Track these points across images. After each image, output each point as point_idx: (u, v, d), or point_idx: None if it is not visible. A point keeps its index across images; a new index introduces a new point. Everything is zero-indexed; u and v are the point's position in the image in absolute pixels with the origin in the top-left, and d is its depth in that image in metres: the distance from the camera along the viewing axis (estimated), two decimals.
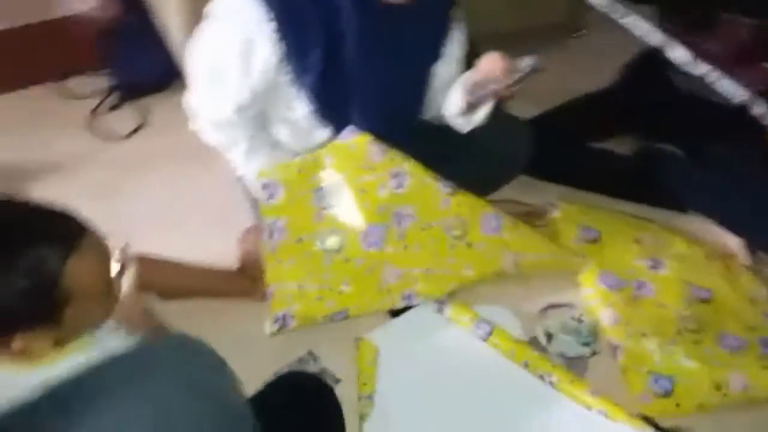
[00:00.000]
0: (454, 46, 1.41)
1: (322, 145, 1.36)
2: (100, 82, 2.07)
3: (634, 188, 1.71)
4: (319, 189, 1.34)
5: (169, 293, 1.35)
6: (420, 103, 1.43)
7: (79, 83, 2.09)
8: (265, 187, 1.32)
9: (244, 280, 1.40)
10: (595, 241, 1.55)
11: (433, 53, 1.38)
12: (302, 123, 1.35)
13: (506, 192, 1.63)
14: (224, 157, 1.38)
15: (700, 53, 1.57)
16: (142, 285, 1.21)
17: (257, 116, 1.35)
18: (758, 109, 1.42)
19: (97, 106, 2.01)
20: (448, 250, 1.38)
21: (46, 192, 1.67)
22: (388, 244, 1.35)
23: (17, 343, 0.81)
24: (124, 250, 1.05)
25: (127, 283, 1.08)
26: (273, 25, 1.18)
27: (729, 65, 1.55)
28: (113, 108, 2.02)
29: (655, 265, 1.51)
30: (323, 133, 1.37)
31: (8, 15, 2.25)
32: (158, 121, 1.97)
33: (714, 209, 1.65)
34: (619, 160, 1.74)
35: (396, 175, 1.34)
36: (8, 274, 0.78)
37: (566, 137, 1.72)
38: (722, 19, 1.54)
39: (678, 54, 1.45)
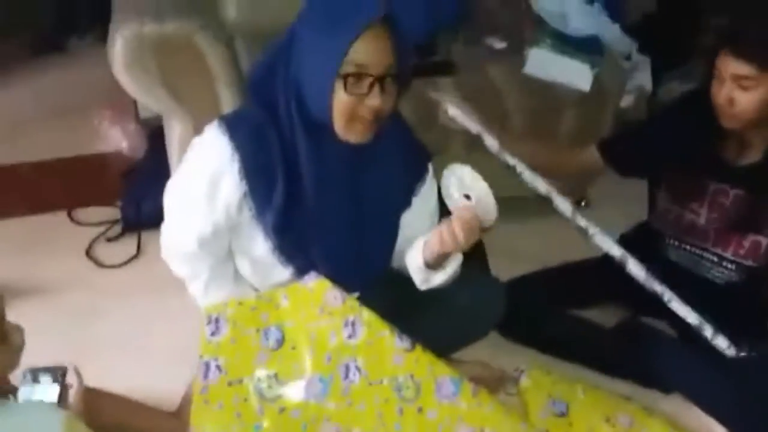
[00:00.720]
0: (427, 196, 1.39)
1: (282, 285, 1.32)
2: (107, 213, 2.14)
3: (613, 363, 1.61)
4: (268, 329, 1.27)
5: (110, 427, 1.32)
6: (386, 252, 1.40)
7: (86, 213, 2.15)
8: (210, 322, 1.26)
9: (175, 421, 1.34)
10: (562, 415, 1.44)
11: (402, 201, 1.37)
12: (263, 260, 1.33)
13: (478, 352, 1.57)
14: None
15: (688, 225, 1.57)
16: (86, 413, 1.26)
17: (221, 249, 1.34)
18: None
19: (99, 235, 2.06)
20: (396, 413, 1.27)
21: (26, 309, 1.79)
22: (331, 398, 1.26)
23: None
24: (69, 375, 1.15)
25: (72, 397, 1.21)
26: (237, 163, 1.21)
27: (716, 234, 1.56)
28: (113, 238, 2.07)
29: None
30: (284, 272, 1.34)
31: (43, 148, 2.45)
32: (153, 253, 1.96)
33: (701, 395, 1.54)
34: (598, 332, 1.66)
35: (350, 324, 1.27)
36: None
37: (546, 301, 1.66)
38: (710, 189, 1.55)
39: (634, 269, 1.48)
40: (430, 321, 1.44)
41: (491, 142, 1.58)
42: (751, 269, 1.55)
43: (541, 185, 1.54)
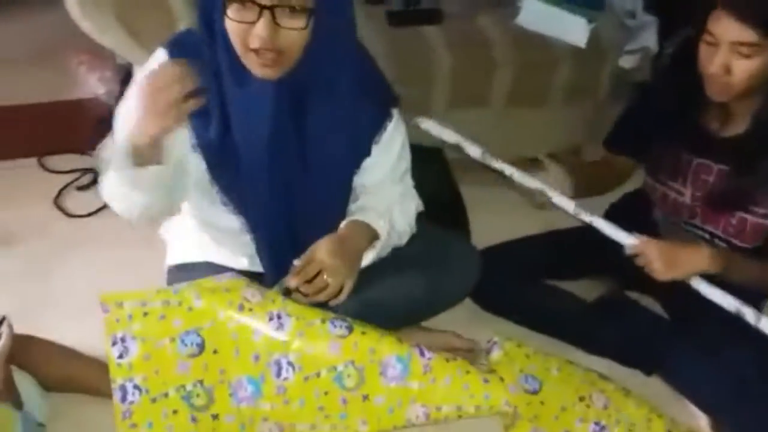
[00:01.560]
0: (387, 145, 1.24)
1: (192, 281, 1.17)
2: (79, 161, 2.02)
3: (592, 339, 1.49)
4: (185, 334, 1.10)
5: (50, 380, 1.29)
6: (335, 209, 1.27)
7: (58, 161, 2.04)
8: (115, 343, 1.07)
9: None
10: (534, 392, 1.32)
11: (355, 150, 1.22)
12: (221, 223, 1.23)
13: (451, 322, 1.46)
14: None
15: (674, 203, 1.43)
16: (21, 362, 1.23)
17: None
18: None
19: (69, 183, 1.95)
20: (339, 404, 1.14)
21: None
22: (264, 399, 1.13)
23: None
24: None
25: None
26: None
27: (703, 212, 1.40)
28: (83, 187, 1.95)
29: (599, 430, 1.28)
30: (233, 219, 1.23)
31: (18, 92, 2.33)
32: None
33: (689, 382, 1.43)
34: (578, 304, 1.53)
35: (275, 317, 1.12)
36: None
37: (526, 270, 1.53)
38: (693, 165, 1.39)
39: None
40: (401, 280, 1.32)
41: (474, 149, 1.44)
42: (742, 250, 1.38)
43: (535, 183, 1.39)
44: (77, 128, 2.13)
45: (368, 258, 1.26)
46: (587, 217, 1.36)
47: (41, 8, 2.81)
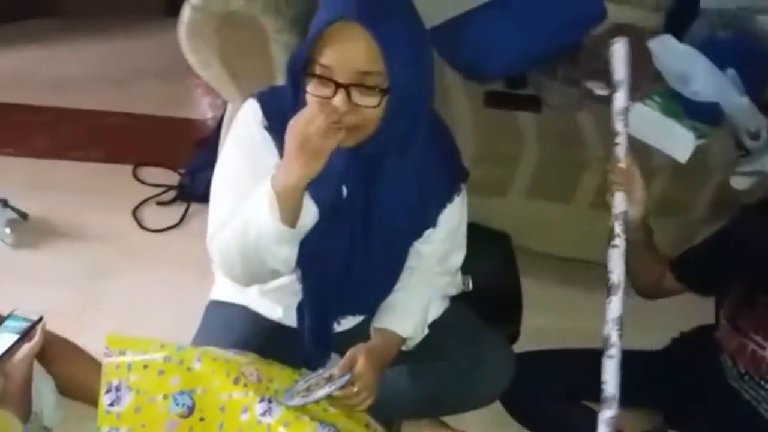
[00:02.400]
0: (448, 218, 1.23)
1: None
2: (169, 177, 2.12)
3: None
4: (179, 393, 1.08)
5: (69, 384, 1.32)
6: (387, 279, 1.26)
7: (151, 172, 2.15)
8: (109, 390, 1.07)
9: None
10: None
11: (418, 222, 1.21)
12: None
13: (473, 422, 1.40)
14: None
15: (751, 356, 1.27)
16: (46, 361, 1.25)
17: None
18: None
19: (152, 196, 2.05)
20: None
21: (54, 251, 1.82)
22: None
23: None
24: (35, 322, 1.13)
25: (23, 351, 1.14)
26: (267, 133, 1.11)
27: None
28: (164, 203, 2.04)
29: None
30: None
31: (138, 103, 2.50)
32: (194, 226, 1.96)
33: None
34: None
35: (266, 401, 1.08)
36: None
37: (563, 384, 1.41)
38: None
39: None
40: (432, 369, 1.30)
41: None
42: None
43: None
44: (177, 145, 2.25)
45: None
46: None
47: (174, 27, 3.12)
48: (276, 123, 1.10)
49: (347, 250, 1.19)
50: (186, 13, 1.49)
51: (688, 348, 1.43)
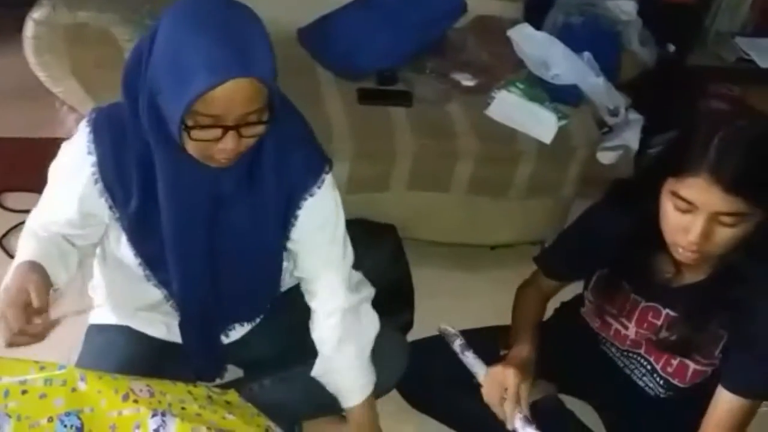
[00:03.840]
0: (314, 210, 1.17)
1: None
2: (36, 201, 1.98)
3: None
4: (65, 415, 1.03)
5: None
6: (263, 286, 1.26)
7: (18, 198, 2.03)
8: None
9: None
10: None
11: (282, 226, 1.18)
12: (133, 271, 1.20)
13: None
14: None
15: (616, 333, 1.35)
16: None
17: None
18: None
19: (19, 223, 1.87)
20: None
21: None
22: None
23: None
24: None
25: None
26: (93, 161, 1.07)
27: (647, 344, 1.32)
28: None
29: None
30: (155, 292, 1.21)
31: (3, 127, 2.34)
32: None
33: None
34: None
35: (159, 415, 1.05)
36: None
37: (457, 367, 1.41)
38: (640, 306, 1.29)
39: None
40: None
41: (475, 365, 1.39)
42: (678, 389, 1.30)
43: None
44: (44, 168, 2.12)
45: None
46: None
47: None
48: (106, 156, 1.07)
49: (208, 267, 1.17)
50: (29, 28, 1.41)
51: (568, 317, 1.50)
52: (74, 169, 1.10)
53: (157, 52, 0.96)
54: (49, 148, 2.16)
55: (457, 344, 1.40)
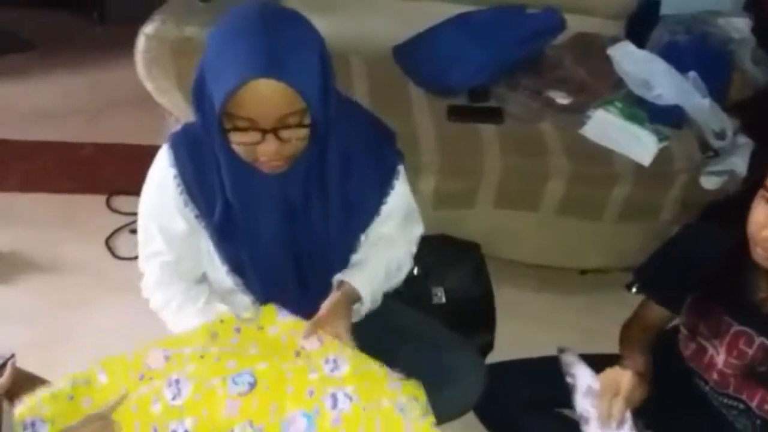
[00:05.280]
0: (395, 204, 1.22)
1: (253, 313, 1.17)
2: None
3: None
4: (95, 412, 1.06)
5: None
6: (341, 265, 1.24)
7: (125, 201, 2.12)
8: (26, 427, 1.04)
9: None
10: None
11: (360, 219, 1.20)
12: (222, 283, 1.22)
13: None
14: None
15: (708, 361, 1.24)
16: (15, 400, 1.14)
17: (189, 273, 1.23)
18: None
19: (125, 225, 2.03)
20: None
21: (26, 286, 1.79)
22: None
23: None
24: (5, 360, 1.06)
25: None
26: (177, 179, 1.11)
27: (737, 381, 1.21)
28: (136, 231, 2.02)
29: None
30: (244, 299, 1.23)
31: (114, 132, 2.50)
32: None
33: None
34: None
35: (173, 383, 1.07)
36: None
37: (537, 393, 1.36)
38: (732, 330, 1.19)
39: None
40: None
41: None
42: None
43: None
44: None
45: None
46: None
47: None
48: (186, 169, 1.10)
49: (293, 271, 1.19)
50: (141, 42, 1.49)
51: (662, 349, 1.41)
52: (163, 186, 1.14)
53: (205, 63, 1.00)
54: (155, 155, 2.32)
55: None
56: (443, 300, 1.61)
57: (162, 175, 1.14)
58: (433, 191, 1.68)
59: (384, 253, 1.25)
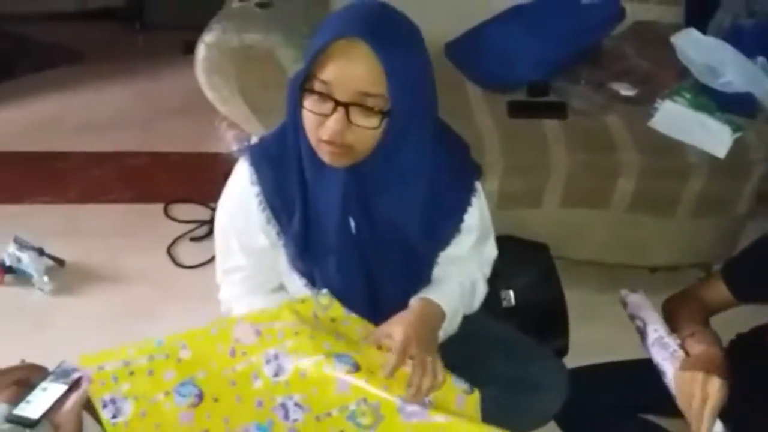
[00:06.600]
0: (472, 229, 1.15)
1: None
2: (200, 213, 2.08)
3: None
4: (180, 385, 1.01)
5: None
6: (412, 284, 1.18)
7: (182, 209, 2.11)
8: (105, 405, 0.99)
9: None
10: None
11: (432, 232, 1.13)
12: (300, 294, 1.17)
13: None
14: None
15: None
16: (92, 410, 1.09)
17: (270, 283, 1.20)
18: None
19: (185, 233, 2.01)
20: None
21: (92, 295, 1.79)
22: None
23: None
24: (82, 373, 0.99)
25: (72, 401, 1.00)
26: (257, 190, 1.07)
27: None
28: (197, 239, 2.01)
29: None
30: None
31: (166, 140, 2.49)
32: None
33: None
34: None
35: (272, 359, 1.02)
36: None
37: (621, 400, 1.29)
38: None
39: None
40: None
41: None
42: None
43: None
44: (205, 180, 2.22)
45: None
46: None
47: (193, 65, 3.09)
48: (268, 185, 1.07)
49: (369, 282, 1.14)
50: (201, 51, 1.46)
51: (746, 350, 1.33)
52: (245, 204, 1.10)
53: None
54: (210, 163, 2.31)
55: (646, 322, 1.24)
56: (513, 303, 1.55)
57: (243, 192, 1.10)
58: (497, 192, 1.61)
59: (457, 273, 1.19)
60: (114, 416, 0.99)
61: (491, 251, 1.26)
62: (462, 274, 1.20)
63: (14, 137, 2.47)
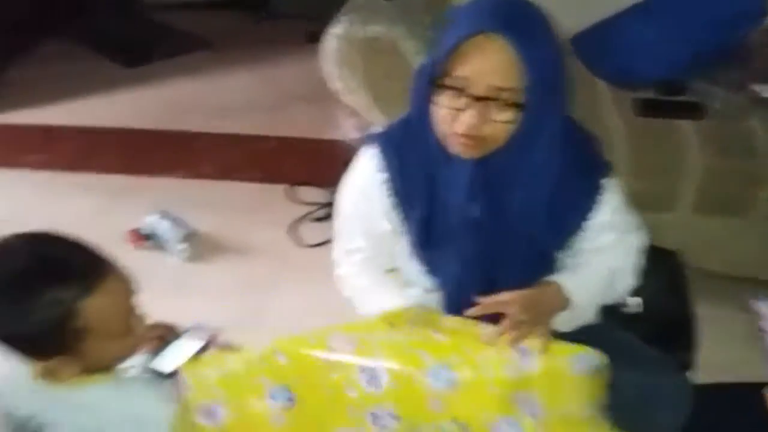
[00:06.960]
0: (600, 216, 1.11)
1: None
2: (322, 195, 2.15)
3: None
4: (274, 390, 1.03)
5: None
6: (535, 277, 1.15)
7: (304, 192, 2.20)
8: (202, 412, 1.01)
9: None
10: None
11: (558, 228, 1.12)
12: (417, 280, 1.20)
13: None
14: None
15: None
16: None
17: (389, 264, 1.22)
18: None
19: (307, 214, 2.09)
20: None
21: (221, 265, 1.91)
22: None
23: (43, 365, 0.88)
24: (212, 335, 1.06)
25: None
26: (383, 175, 1.10)
27: None
28: (319, 219, 2.08)
29: None
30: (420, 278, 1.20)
31: (289, 127, 2.60)
32: None
33: None
34: None
35: (367, 370, 1.02)
36: (30, 307, 0.85)
37: (753, 424, 1.24)
38: None
39: None
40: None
41: None
42: None
43: None
44: (326, 165, 2.29)
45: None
46: None
47: (315, 54, 3.18)
48: (395, 172, 1.09)
49: (487, 272, 1.13)
50: (331, 42, 1.50)
51: None
52: (369, 189, 1.13)
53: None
54: (330, 148, 2.39)
55: None
56: (637, 310, 1.49)
57: (368, 178, 1.13)
58: (624, 193, 1.55)
59: (596, 261, 1.16)
60: (210, 422, 1.02)
61: (636, 241, 1.21)
62: (601, 262, 1.17)
63: (152, 116, 2.67)
